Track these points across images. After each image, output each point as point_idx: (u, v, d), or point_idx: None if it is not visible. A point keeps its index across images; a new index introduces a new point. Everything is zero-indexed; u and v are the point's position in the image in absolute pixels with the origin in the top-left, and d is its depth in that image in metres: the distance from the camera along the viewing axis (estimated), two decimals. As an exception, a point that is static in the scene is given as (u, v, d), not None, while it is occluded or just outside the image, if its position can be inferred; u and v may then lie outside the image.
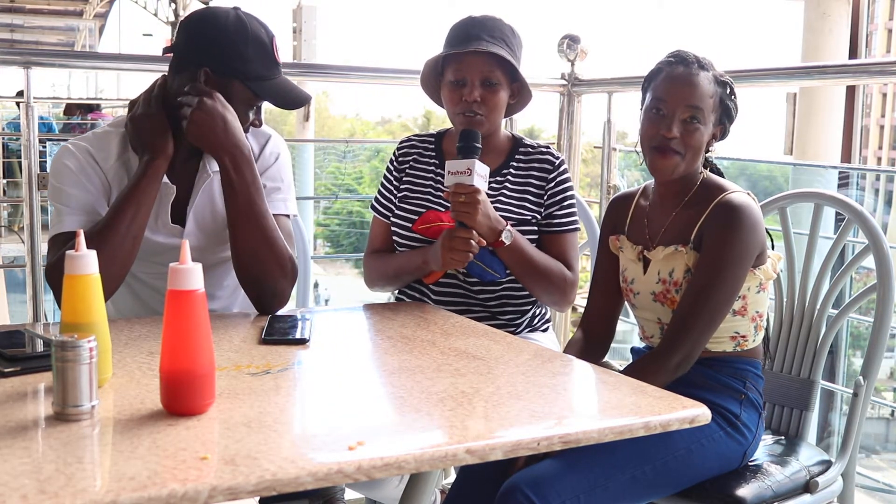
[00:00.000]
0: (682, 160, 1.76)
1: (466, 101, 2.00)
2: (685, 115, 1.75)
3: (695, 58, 1.78)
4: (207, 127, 1.71)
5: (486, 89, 2.00)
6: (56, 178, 1.79)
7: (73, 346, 1.13)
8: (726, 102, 1.79)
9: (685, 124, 1.75)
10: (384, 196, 2.17)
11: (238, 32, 1.76)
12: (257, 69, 1.77)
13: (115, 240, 1.67)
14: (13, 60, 2.51)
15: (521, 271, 2.01)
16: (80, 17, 22.19)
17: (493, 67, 1.99)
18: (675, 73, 1.77)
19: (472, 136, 1.92)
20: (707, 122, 1.76)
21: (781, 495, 1.76)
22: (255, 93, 1.78)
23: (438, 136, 2.19)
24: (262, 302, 1.80)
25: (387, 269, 2.12)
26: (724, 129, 1.82)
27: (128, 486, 0.94)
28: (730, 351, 1.80)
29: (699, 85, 1.75)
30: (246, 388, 1.30)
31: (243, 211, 1.74)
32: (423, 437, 1.15)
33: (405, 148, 2.19)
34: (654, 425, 1.23)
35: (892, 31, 32.53)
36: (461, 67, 2.00)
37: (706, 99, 1.75)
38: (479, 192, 1.88)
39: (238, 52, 1.76)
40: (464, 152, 1.91)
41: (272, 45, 1.80)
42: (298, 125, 12.19)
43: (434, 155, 2.15)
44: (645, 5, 67.68)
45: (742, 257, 1.71)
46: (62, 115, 10.03)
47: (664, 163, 1.76)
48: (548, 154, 2.11)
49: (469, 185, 1.87)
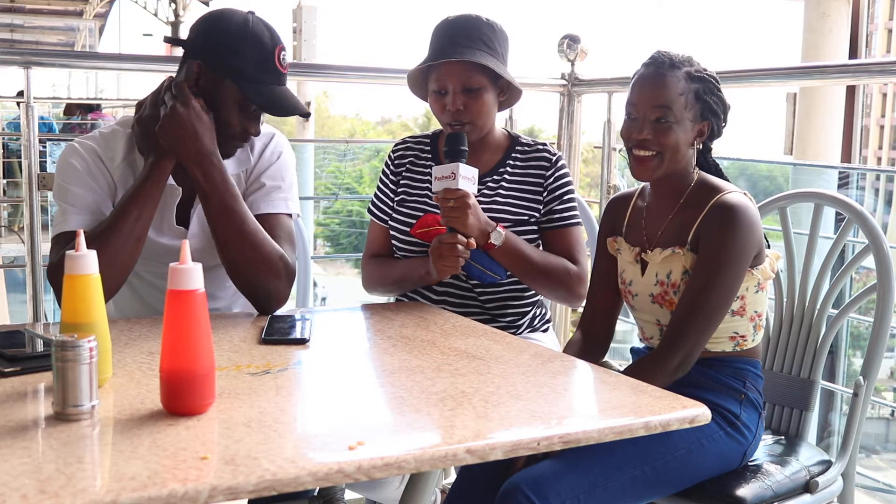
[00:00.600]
0: (659, 160, 1.76)
1: (450, 110, 1.98)
2: (654, 116, 1.75)
3: (668, 58, 1.77)
4: (175, 136, 1.70)
5: (468, 96, 1.98)
6: (61, 176, 1.79)
7: (73, 346, 1.13)
8: (704, 98, 1.77)
9: (655, 124, 1.75)
10: (381, 199, 2.16)
11: (239, 32, 1.75)
12: (251, 71, 1.75)
13: (118, 241, 1.67)
14: (13, 60, 2.51)
15: (519, 271, 2.00)
16: (80, 17, 22.18)
17: (472, 73, 1.96)
18: (643, 76, 1.78)
19: (457, 140, 1.91)
20: (681, 119, 1.75)
21: (781, 495, 1.76)
22: (245, 94, 1.75)
23: (434, 136, 2.18)
24: (259, 303, 1.80)
25: (387, 276, 2.10)
26: (713, 126, 1.80)
27: (128, 485, 0.94)
28: (729, 351, 1.80)
29: (666, 84, 1.75)
30: (246, 388, 1.30)
31: (221, 218, 1.74)
32: (423, 437, 1.15)
33: (401, 150, 2.17)
34: (654, 425, 1.23)
35: (892, 31, 32.53)
36: (440, 77, 1.99)
37: (675, 97, 1.74)
38: (467, 196, 1.87)
39: (233, 51, 1.74)
40: (449, 156, 1.91)
41: (276, 53, 1.77)
42: (298, 125, 12.19)
43: (430, 157, 2.14)
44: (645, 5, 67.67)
45: (739, 258, 1.71)
46: (62, 115, 10.03)
47: (640, 164, 1.77)
48: (545, 151, 2.10)
49: (456, 189, 1.86)
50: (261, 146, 1.91)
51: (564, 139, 3.20)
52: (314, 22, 12.48)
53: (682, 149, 1.77)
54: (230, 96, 1.76)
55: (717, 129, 1.81)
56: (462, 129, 1.99)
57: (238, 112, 1.77)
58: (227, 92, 1.75)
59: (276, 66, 1.78)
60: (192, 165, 1.72)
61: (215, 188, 1.73)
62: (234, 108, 1.77)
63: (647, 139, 1.75)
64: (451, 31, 1.99)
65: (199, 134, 1.71)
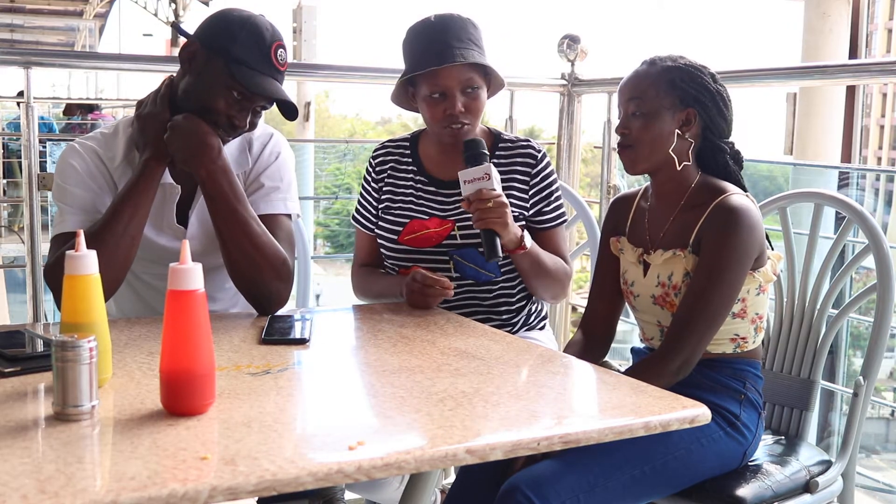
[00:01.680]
0: (635, 151, 1.78)
1: (451, 114, 1.94)
2: (630, 110, 1.78)
3: (651, 58, 1.80)
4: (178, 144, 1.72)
5: (468, 96, 1.95)
6: (61, 177, 1.79)
7: (73, 346, 1.13)
8: (682, 86, 1.75)
9: (631, 118, 1.78)
10: (365, 208, 2.13)
11: (241, 21, 1.76)
12: (243, 54, 1.73)
13: (112, 240, 1.67)
14: (13, 60, 2.51)
15: (533, 273, 1.98)
16: (80, 17, 22.18)
17: (471, 73, 1.95)
18: (625, 78, 1.81)
19: (476, 145, 1.86)
20: (656, 109, 1.75)
21: (781, 495, 1.76)
22: (232, 73, 1.72)
23: (413, 139, 2.13)
24: (260, 304, 1.80)
25: (370, 290, 2.10)
26: (701, 115, 1.76)
27: (128, 486, 0.94)
28: (729, 352, 1.80)
29: (639, 78, 1.78)
30: (246, 388, 1.30)
31: (226, 220, 1.73)
32: (423, 437, 1.15)
33: (381, 156, 2.13)
34: (654, 425, 1.23)
35: (892, 31, 32.52)
36: (438, 81, 1.94)
37: (646, 87, 1.76)
38: (503, 197, 1.83)
39: (231, 34, 1.74)
40: (472, 160, 1.84)
41: (273, 47, 1.76)
42: (298, 125, 12.18)
43: (411, 161, 2.10)
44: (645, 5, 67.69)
45: (740, 260, 1.71)
46: (62, 115, 10.03)
47: (622, 157, 1.81)
48: (529, 148, 2.08)
49: (492, 190, 1.82)
50: (259, 146, 1.91)
51: (564, 139, 3.20)
52: (314, 22, 12.48)
53: (662, 138, 1.76)
54: (218, 75, 1.74)
55: (709, 120, 1.77)
56: (461, 129, 1.96)
57: (224, 95, 1.74)
58: (216, 70, 1.74)
59: (271, 57, 1.76)
60: (198, 168, 1.72)
61: (221, 190, 1.73)
62: (220, 90, 1.74)
63: (623, 132, 1.79)
64: (441, 34, 1.95)
65: (203, 135, 1.72)
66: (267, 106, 1.80)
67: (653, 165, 1.79)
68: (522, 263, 1.96)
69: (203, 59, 1.76)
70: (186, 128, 1.72)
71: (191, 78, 1.77)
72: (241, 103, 1.76)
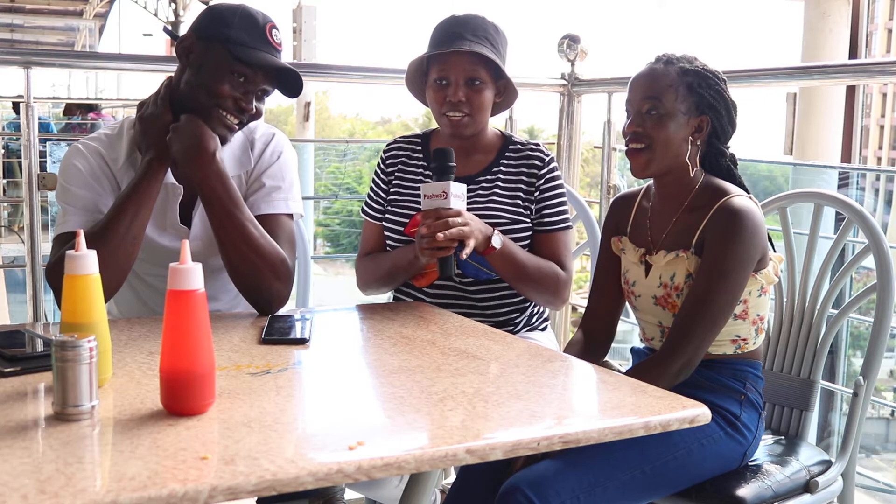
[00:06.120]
0: (650, 153, 1.75)
1: (451, 101, 1.99)
2: (644, 108, 1.76)
3: (666, 56, 1.78)
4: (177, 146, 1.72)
5: (471, 88, 1.99)
6: (64, 177, 1.79)
7: (73, 346, 1.13)
8: (699, 91, 1.75)
9: (646, 116, 1.76)
10: (374, 200, 2.16)
11: (231, 8, 1.80)
12: (240, 36, 1.77)
13: (114, 240, 1.67)
14: (13, 60, 2.51)
15: (512, 275, 1.99)
16: (80, 17, 22.19)
17: (477, 66, 1.99)
18: (638, 73, 1.79)
19: (445, 156, 1.86)
20: (673, 111, 1.74)
21: (781, 495, 1.76)
22: (235, 55, 1.75)
23: (425, 136, 2.18)
24: (260, 305, 1.80)
25: (378, 269, 2.10)
26: (713, 123, 1.77)
27: (128, 486, 0.94)
28: (730, 353, 1.80)
29: (656, 77, 1.76)
30: (246, 388, 1.30)
31: (223, 224, 1.74)
32: (423, 437, 1.15)
33: (392, 151, 2.17)
34: (654, 425, 1.23)
35: (892, 31, 32.53)
36: (445, 67, 2.00)
37: (665, 89, 1.74)
38: (460, 214, 1.84)
39: (225, 21, 1.77)
40: (437, 173, 1.86)
41: (267, 27, 1.80)
42: (298, 125, 12.18)
43: (422, 157, 2.14)
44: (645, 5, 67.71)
45: (743, 263, 1.71)
46: (62, 115, 10.03)
47: (633, 157, 1.78)
48: (537, 151, 2.10)
49: (448, 209, 1.84)
50: (261, 146, 1.91)
51: (564, 139, 3.20)
52: (314, 22, 12.47)
53: (676, 142, 1.76)
54: (219, 61, 1.76)
55: (719, 127, 1.79)
56: (460, 120, 2.00)
57: (228, 79, 1.76)
58: (216, 56, 1.76)
59: (266, 37, 1.80)
60: (195, 172, 1.73)
61: (216, 194, 1.73)
62: (223, 74, 1.76)
63: (637, 131, 1.76)
64: (458, 27, 2.01)
65: (200, 140, 1.72)
66: (269, 91, 1.83)
67: (664, 169, 1.78)
68: (495, 264, 1.97)
69: (201, 49, 1.78)
70: (185, 130, 1.73)
71: (192, 70, 1.78)
72: (246, 85, 1.78)
